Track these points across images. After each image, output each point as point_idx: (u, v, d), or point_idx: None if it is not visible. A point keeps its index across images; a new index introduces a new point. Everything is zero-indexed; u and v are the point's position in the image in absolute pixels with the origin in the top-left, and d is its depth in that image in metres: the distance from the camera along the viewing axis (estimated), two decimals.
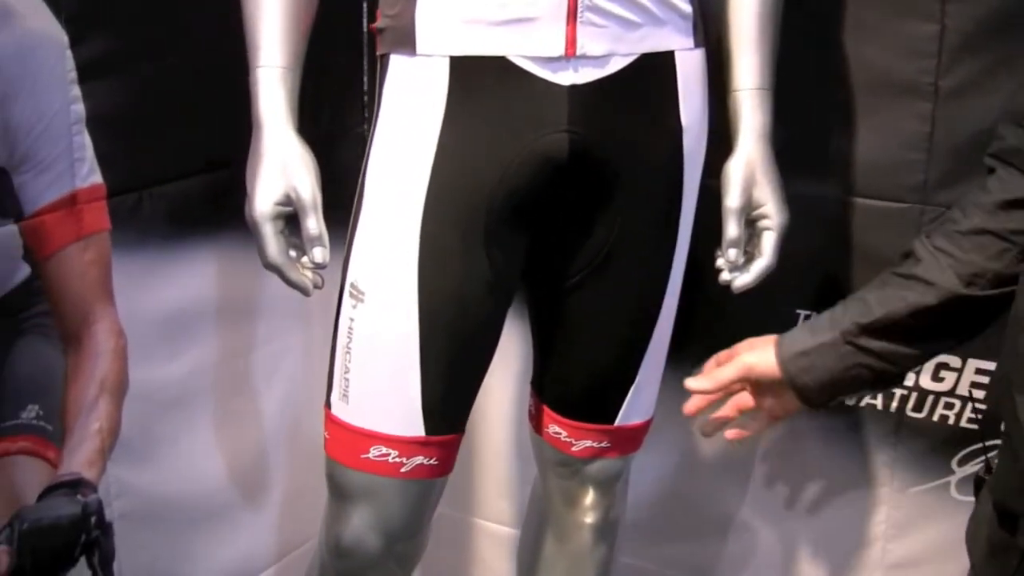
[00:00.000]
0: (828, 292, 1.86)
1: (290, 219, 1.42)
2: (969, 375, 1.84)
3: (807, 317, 1.91)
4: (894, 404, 1.91)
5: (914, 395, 1.89)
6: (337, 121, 2.06)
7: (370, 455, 1.46)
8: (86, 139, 1.62)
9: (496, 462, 2.30)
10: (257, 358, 2.02)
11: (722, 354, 1.55)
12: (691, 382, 1.54)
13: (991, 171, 1.33)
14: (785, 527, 2.08)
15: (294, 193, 1.40)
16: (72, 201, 1.61)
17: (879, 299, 1.39)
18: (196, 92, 1.76)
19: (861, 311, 1.40)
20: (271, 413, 2.06)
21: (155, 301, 1.79)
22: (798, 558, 2.08)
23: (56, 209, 1.60)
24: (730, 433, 1.57)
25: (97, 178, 1.65)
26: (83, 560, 1.66)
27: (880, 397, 1.91)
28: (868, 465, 1.97)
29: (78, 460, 1.67)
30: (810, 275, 1.89)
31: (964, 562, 1.90)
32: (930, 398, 1.88)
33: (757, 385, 1.52)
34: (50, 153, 1.58)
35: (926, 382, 1.87)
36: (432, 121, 1.40)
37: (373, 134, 1.46)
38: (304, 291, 1.43)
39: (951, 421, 1.88)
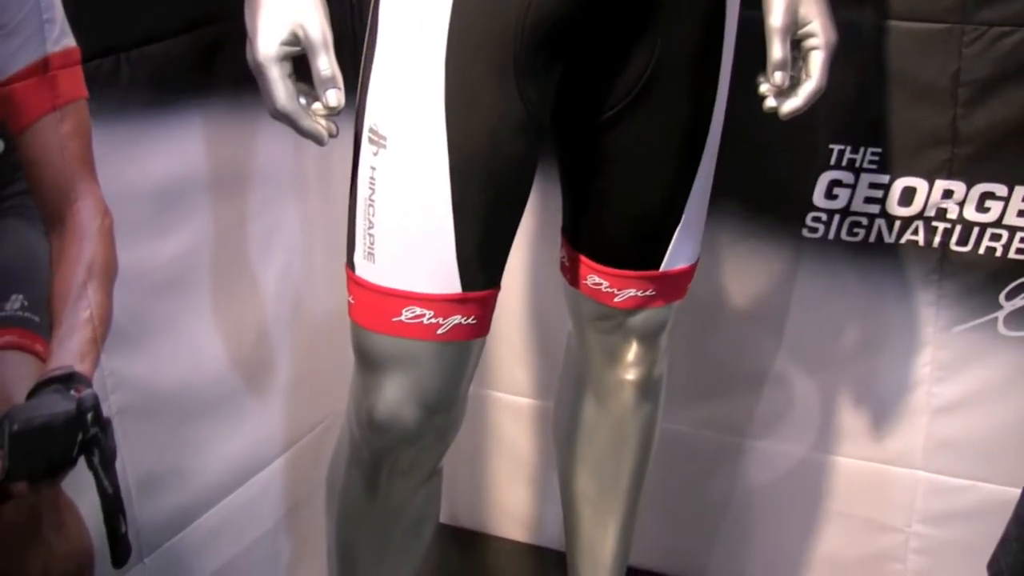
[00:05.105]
0: (863, 126, 1.79)
1: (298, 62, 1.28)
2: (1017, 203, 1.75)
3: (841, 152, 1.80)
4: (936, 239, 1.82)
5: (958, 228, 1.80)
6: None
7: (403, 317, 1.33)
8: None
9: (507, 329, 2.18)
10: (251, 232, 1.87)
11: None
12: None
13: None
14: (823, 377, 1.99)
15: (301, 31, 1.25)
16: (44, 67, 1.46)
17: None
18: None
19: None
20: (269, 292, 1.93)
21: (141, 175, 1.65)
22: (838, 409, 2.00)
23: (28, 76, 1.45)
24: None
25: (70, 41, 1.50)
26: (82, 461, 1.54)
27: (921, 232, 1.81)
28: (910, 306, 1.88)
29: (69, 352, 1.54)
30: (844, 108, 1.78)
31: (1014, 402, 1.85)
32: (975, 230, 1.79)
33: None
34: (16, 14, 1.42)
35: (970, 213, 1.78)
36: None
37: None
38: (319, 140, 1.29)
39: (998, 253, 1.79)
